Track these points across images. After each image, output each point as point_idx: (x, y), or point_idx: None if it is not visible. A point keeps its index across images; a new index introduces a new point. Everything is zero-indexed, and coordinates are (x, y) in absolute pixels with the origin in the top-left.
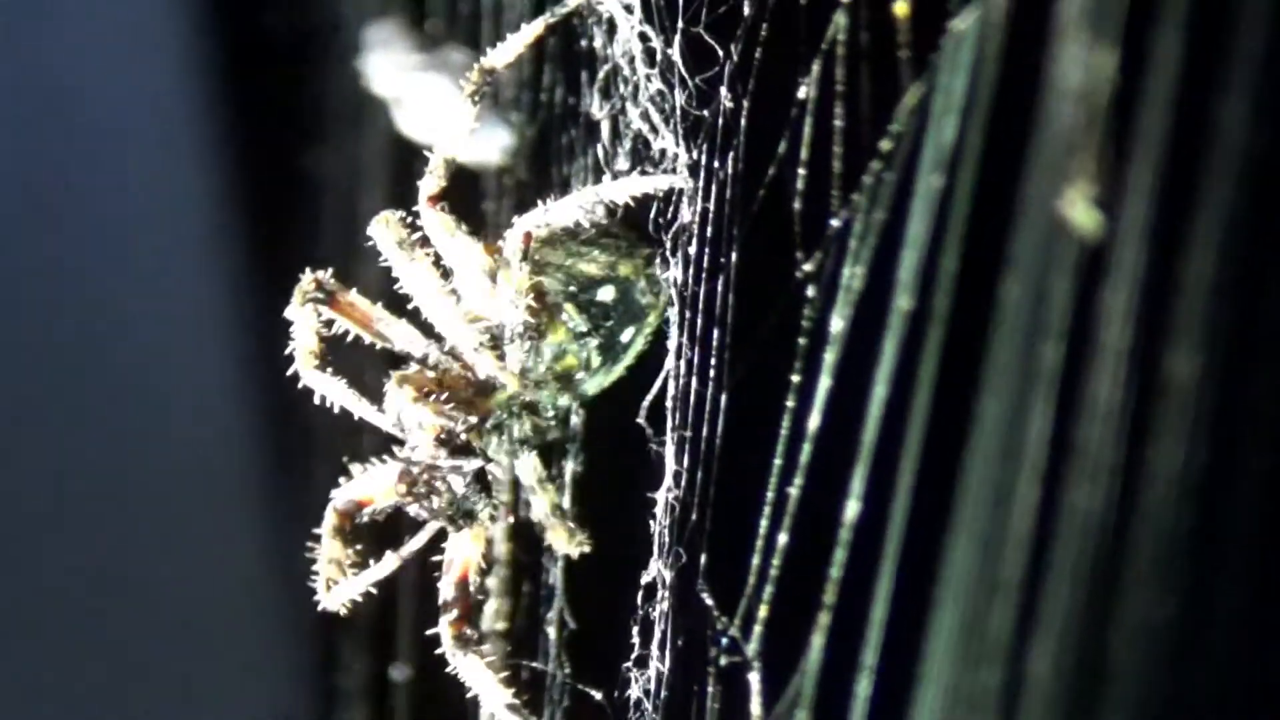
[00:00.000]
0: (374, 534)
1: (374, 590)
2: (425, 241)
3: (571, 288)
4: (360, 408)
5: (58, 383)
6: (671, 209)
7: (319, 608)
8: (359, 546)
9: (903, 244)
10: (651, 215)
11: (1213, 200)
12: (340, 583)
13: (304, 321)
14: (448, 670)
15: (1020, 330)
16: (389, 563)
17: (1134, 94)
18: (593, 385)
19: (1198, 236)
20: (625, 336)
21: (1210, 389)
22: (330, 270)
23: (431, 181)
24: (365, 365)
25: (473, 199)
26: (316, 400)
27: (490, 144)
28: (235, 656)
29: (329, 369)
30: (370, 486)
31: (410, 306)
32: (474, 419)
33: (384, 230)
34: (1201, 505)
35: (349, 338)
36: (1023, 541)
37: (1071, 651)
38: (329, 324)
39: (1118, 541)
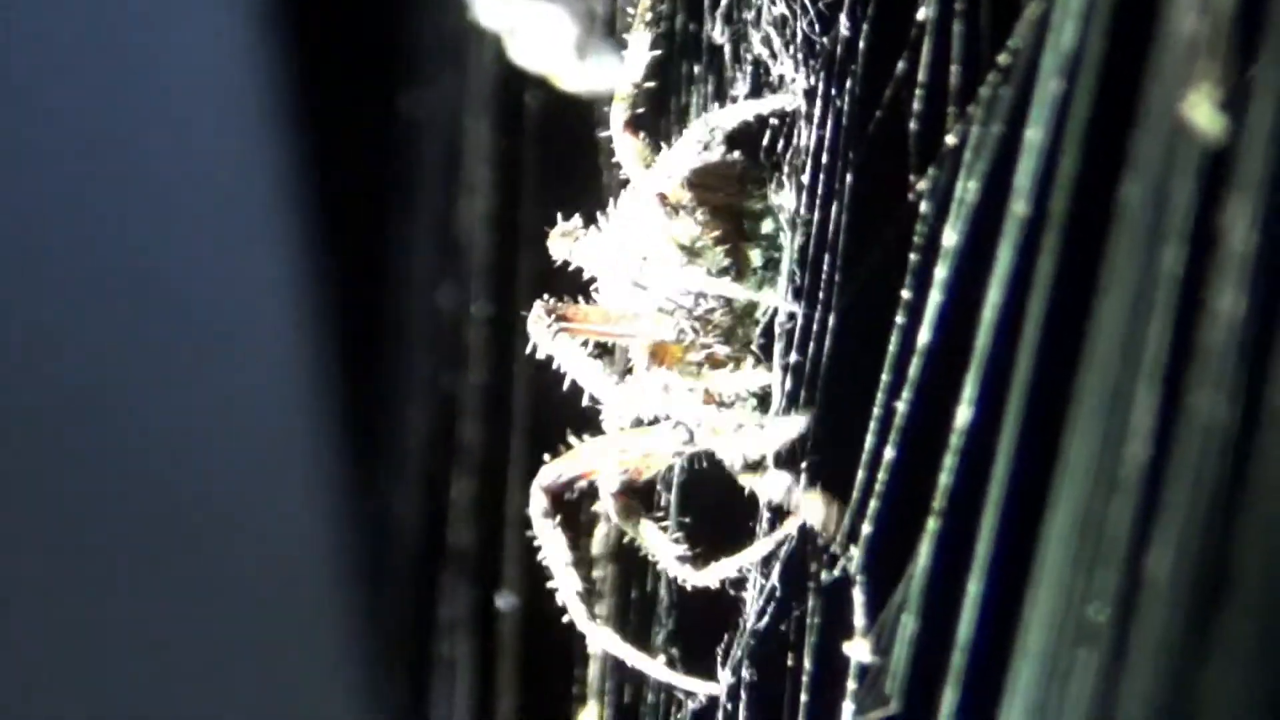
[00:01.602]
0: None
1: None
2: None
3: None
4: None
5: (125, 349)
6: (786, 134)
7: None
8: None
9: (1019, 153)
10: (764, 143)
11: None
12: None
13: (555, 347)
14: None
15: (1141, 233)
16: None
17: (1259, 6)
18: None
19: None
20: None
21: None
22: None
23: (622, 108)
24: None
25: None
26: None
27: (616, 70)
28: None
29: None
30: (580, 463)
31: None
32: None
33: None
34: None
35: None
36: (1142, 443)
37: (1191, 555)
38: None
39: (1240, 447)
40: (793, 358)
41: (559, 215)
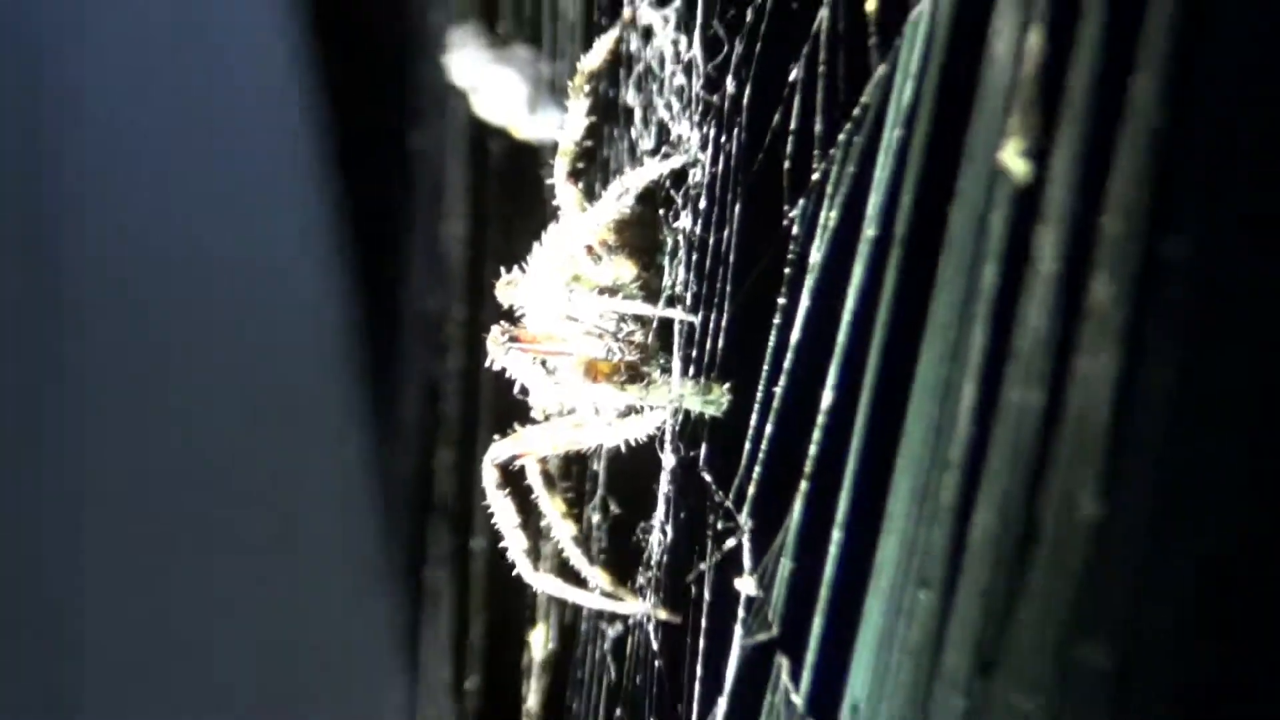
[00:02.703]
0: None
1: (454, 483)
2: None
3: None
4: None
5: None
6: (686, 179)
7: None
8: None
9: (870, 188)
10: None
11: (1123, 156)
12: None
13: (508, 361)
14: None
15: (965, 254)
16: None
17: (1059, 66)
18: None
19: (1111, 185)
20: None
21: (1123, 308)
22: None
23: (564, 162)
24: None
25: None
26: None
27: (556, 126)
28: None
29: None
30: (520, 444)
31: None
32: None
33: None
34: (1116, 402)
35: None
36: (965, 424)
37: (1003, 516)
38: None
39: (1042, 430)
40: (692, 353)
41: (508, 243)
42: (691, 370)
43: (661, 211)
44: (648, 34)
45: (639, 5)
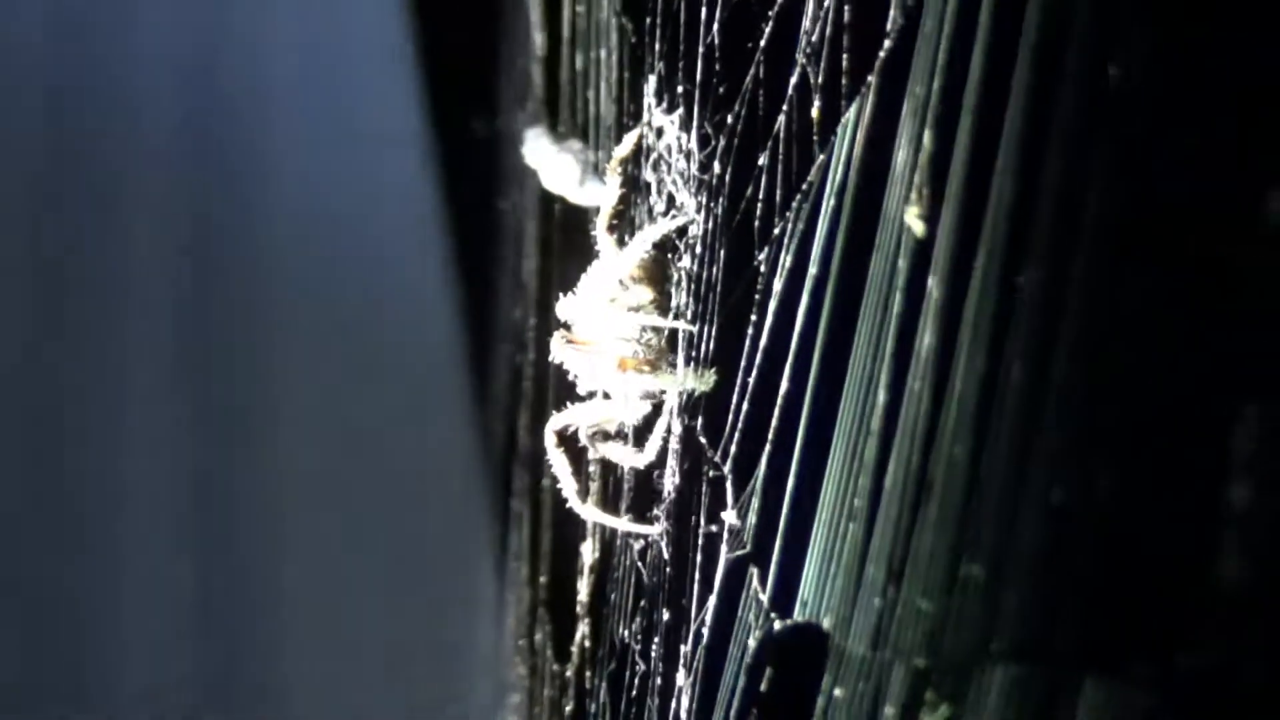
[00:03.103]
0: None
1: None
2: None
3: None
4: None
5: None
6: (686, 233)
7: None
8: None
9: (814, 239)
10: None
11: (988, 219)
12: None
13: (565, 356)
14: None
15: (881, 289)
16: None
17: (944, 157)
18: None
19: (979, 239)
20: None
21: (986, 325)
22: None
23: (604, 220)
24: None
25: (581, 224)
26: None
27: (603, 200)
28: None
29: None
30: (572, 416)
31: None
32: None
33: (566, 308)
34: (982, 391)
35: None
36: (881, 407)
37: (906, 471)
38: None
39: (932, 414)
40: (691, 353)
41: (565, 274)
42: (690, 363)
43: (670, 254)
44: (660, 132)
45: (654, 112)
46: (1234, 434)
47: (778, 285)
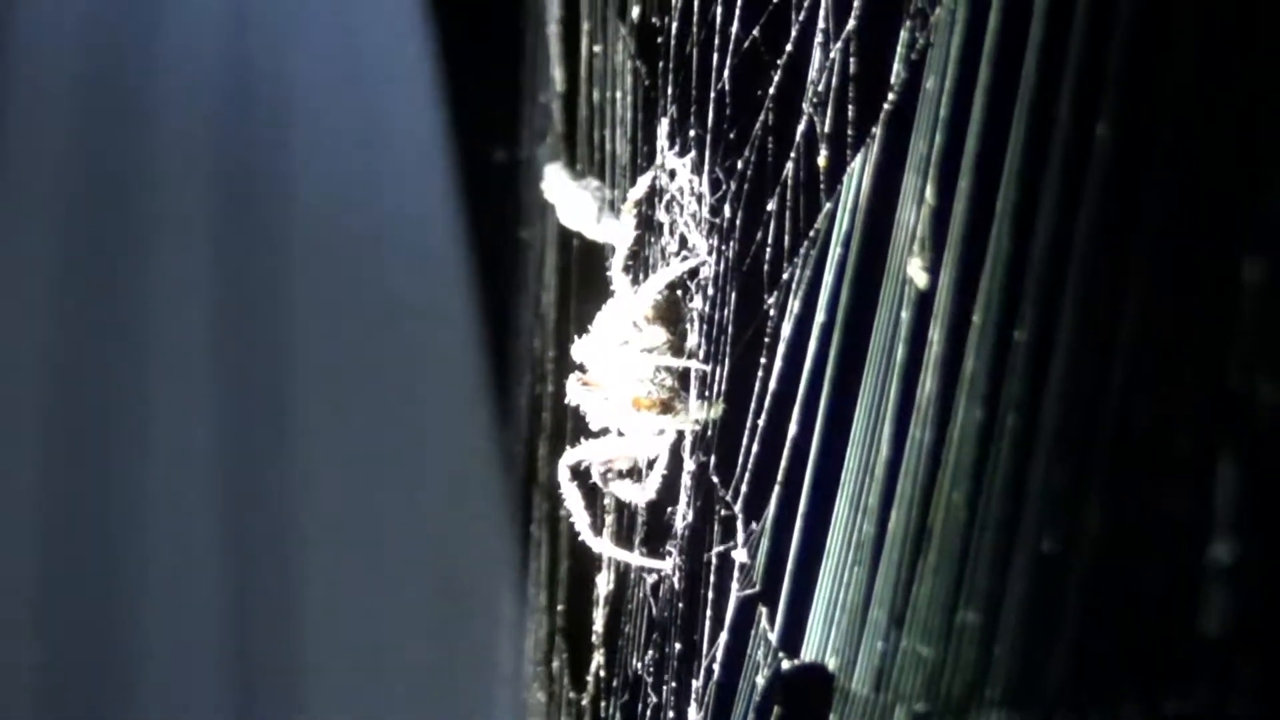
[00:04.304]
0: None
1: (547, 470)
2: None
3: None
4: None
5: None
6: (699, 274)
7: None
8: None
9: (820, 287)
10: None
11: (987, 271)
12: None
13: (580, 397)
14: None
15: (884, 336)
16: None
17: (946, 211)
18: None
19: (978, 291)
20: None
21: (985, 376)
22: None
23: (619, 259)
24: None
25: (598, 259)
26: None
27: (618, 238)
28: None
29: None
30: (585, 452)
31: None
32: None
33: (581, 350)
34: (980, 441)
35: None
36: (885, 453)
37: (908, 518)
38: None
39: (934, 452)
40: (704, 393)
41: (582, 305)
42: (702, 400)
43: (682, 294)
44: (673, 174)
45: (666, 155)
46: (1227, 482)
47: (786, 330)
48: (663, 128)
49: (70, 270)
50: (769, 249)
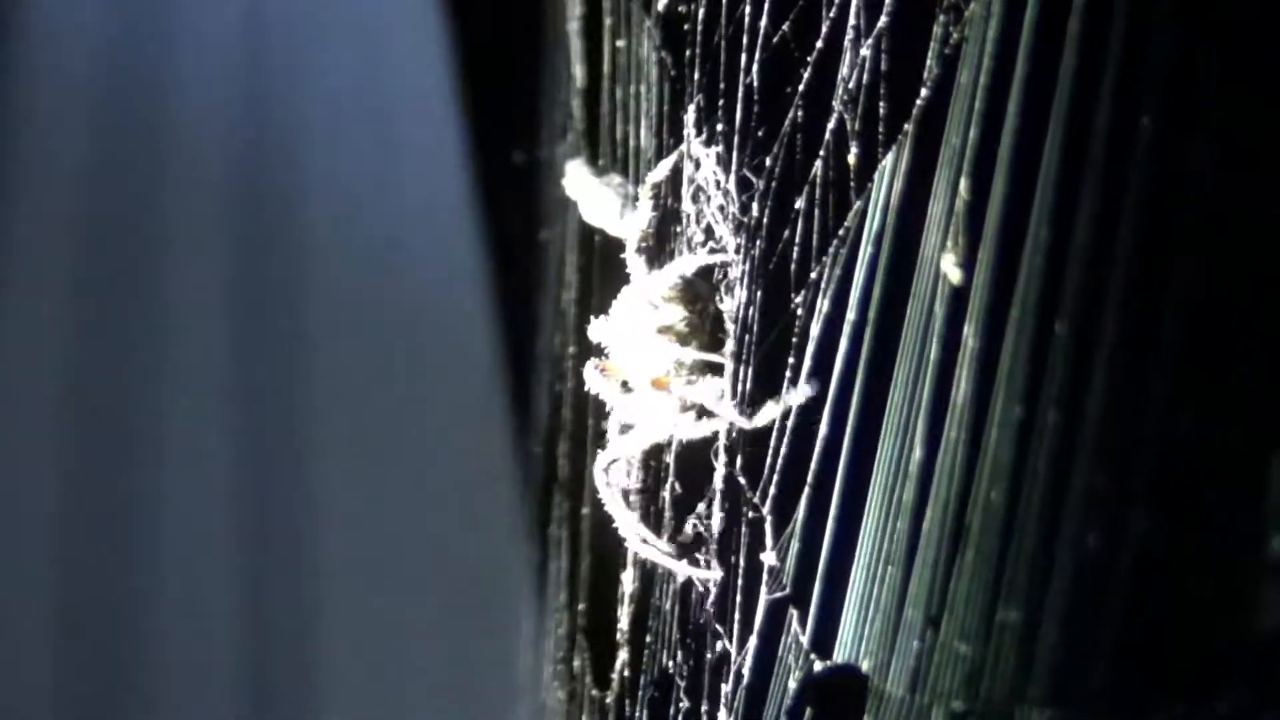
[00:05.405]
0: None
1: (569, 465)
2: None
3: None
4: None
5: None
6: (725, 271)
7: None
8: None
9: (852, 285)
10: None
11: (1023, 266)
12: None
13: (597, 384)
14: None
15: (918, 334)
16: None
17: (980, 205)
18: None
19: (1014, 287)
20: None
21: (1022, 372)
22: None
23: (634, 241)
24: None
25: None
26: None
27: (634, 222)
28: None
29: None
30: (614, 450)
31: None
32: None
33: (599, 330)
34: (1018, 439)
35: None
36: (919, 452)
37: (944, 516)
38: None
39: (968, 455)
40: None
41: (603, 301)
42: (732, 399)
43: (706, 282)
44: (698, 163)
45: (692, 141)
46: (1272, 481)
47: (815, 329)
48: (689, 115)
49: (88, 278)
50: (796, 248)
